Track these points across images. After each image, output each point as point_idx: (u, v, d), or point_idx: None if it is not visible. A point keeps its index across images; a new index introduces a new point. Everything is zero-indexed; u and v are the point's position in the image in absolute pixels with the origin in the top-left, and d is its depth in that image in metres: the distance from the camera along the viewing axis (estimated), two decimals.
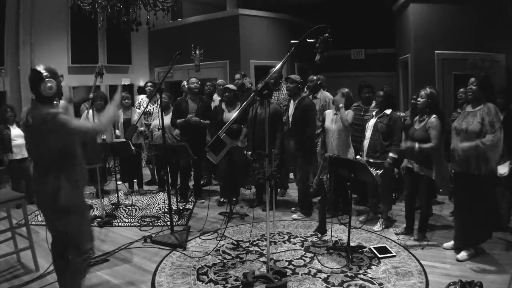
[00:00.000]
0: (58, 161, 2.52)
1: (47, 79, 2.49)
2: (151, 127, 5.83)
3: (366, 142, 4.20)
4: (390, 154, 4.00)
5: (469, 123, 3.28)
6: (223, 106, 5.08)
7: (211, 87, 6.18)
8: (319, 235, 4.10)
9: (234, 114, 4.86)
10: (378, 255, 3.52)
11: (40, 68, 2.51)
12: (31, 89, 2.55)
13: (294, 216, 4.67)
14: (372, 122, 4.19)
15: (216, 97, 6.13)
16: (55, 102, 3.25)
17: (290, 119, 4.61)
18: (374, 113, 4.28)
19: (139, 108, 6.30)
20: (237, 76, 5.81)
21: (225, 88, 5.09)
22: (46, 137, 2.47)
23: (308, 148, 4.53)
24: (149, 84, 6.47)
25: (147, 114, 6.10)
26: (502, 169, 3.58)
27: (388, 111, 4.10)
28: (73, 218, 2.57)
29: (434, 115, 3.68)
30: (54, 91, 2.52)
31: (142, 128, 5.76)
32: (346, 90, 4.36)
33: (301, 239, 4.02)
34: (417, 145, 3.62)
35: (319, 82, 5.32)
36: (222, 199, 5.24)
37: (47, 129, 2.44)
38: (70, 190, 2.53)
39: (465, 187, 3.39)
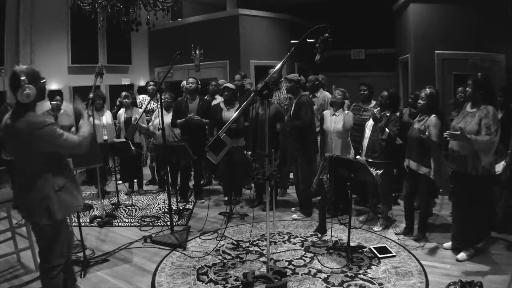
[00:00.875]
0: (46, 168, 2.42)
1: (25, 86, 2.31)
2: (151, 124, 5.83)
3: (365, 142, 4.21)
4: (387, 129, 3.95)
5: (467, 123, 3.28)
6: (222, 105, 5.09)
7: (215, 86, 6.16)
8: (319, 235, 4.10)
9: (233, 113, 4.89)
10: (378, 255, 3.52)
11: (20, 72, 2.34)
12: (12, 92, 2.39)
13: (294, 216, 4.68)
14: (371, 121, 4.19)
15: (218, 97, 6.12)
16: (54, 102, 3.20)
17: (291, 118, 4.62)
18: (375, 110, 4.27)
19: (140, 108, 6.30)
20: (237, 76, 5.82)
21: (224, 87, 5.10)
22: (32, 144, 2.34)
23: (308, 147, 4.53)
24: (151, 83, 6.47)
25: (150, 112, 6.10)
26: (497, 167, 3.59)
27: (388, 113, 4.10)
28: (47, 232, 2.49)
29: (433, 115, 3.68)
30: (31, 98, 2.34)
31: (144, 125, 5.74)
32: (342, 90, 4.39)
33: (301, 239, 4.02)
34: (427, 133, 3.47)
35: (316, 83, 5.33)
36: (226, 198, 5.24)
37: (34, 138, 2.32)
38: (56, 202, 2.42)
39: (462, 187, 3.39)
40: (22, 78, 2.32)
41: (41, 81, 2.47)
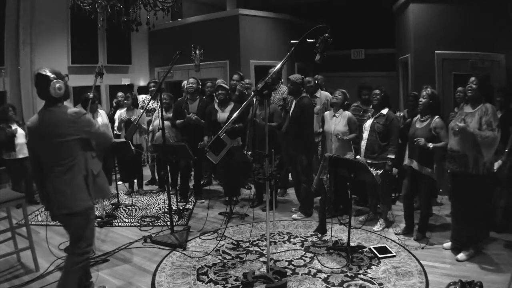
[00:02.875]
0: (82, 157, 2.60)
1: (54, 80, 2.52)
2: (151, 126, 5.82)
3: (363, 143, 4.20)
4: (389, 156, 4.00)
5: (467, 123, 3.27)
6: (216, 106, 5.09)
7: (211, 88, 6.16)
8: (319, 235, 4.11)
9: (227, 113, 4.90)
10: (378, 255, 3.52)
11: (45, 71, 2.54)
12: (40, 94, 2.57)
13: (294, 216, 4.67)
14: (369, 123, 4.18)
15: None
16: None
17: (289, 118, 4.62)
18: (370, 113, 4.28)
19: (142, 108, 6.29)
20: (235, 76, 5.82)
21: (218, 87, 5.10)
22: (71, 132, 2.54)
23: (308, 147, 4.53)
24: (152, 84, 6.47)
25: (152, 111, 6.10)
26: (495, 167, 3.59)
27: (384, 111, 4.10)
28: (78, 220, 2.61)
29: (437, 116, 3.67)
30: (63, 90, 2.57)
31: (144, 126, 5.74)
32: (343, 91, 4.38)
33: (301, 239, 4.03)
34: (431, 145, 3.58)
35: (317, 81, 5.34)
36: (227, 198, 5.25)
37: (77, 126, 2.55)
38: (93, 185, 2.64)
39: (462, 187, 3.39)
40: (51, 75, 2.53)
41: (65, 78, 2.66)
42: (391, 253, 3.56)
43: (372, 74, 8.81)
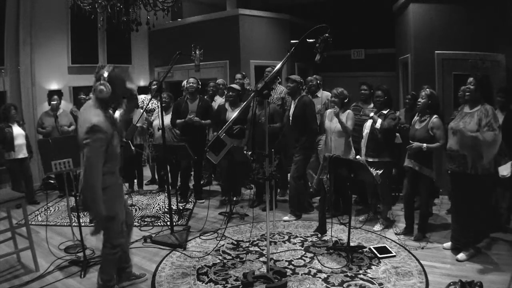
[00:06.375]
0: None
1: (102, 81, 2.54)
2: (152, 125, 5.82)
3: (363, 142, 4.20)
4: (385, 122, 3.95)
5: (466, 123, 3.26)
6: (227, 105, 5.10)
7: (213, 88, 6.15)
8: (319, 235, 4.11)
9: (236, 113, 4.90)
10: (378, 255, 3.52)
11: (105, 70, 2.57)
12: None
13: (285, 218, 4.63)
14: (370, 121, 4.18)
15: (218, 98, 6.10)
16: (53, 102, 3.26)
17: (291, 118, 4.62)
18: (372, 113, 4.27)
19: (142, 108, 6.29)
20: (238, 76, 5.82)
21: (229, 88, 5.12)
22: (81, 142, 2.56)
23: (306, 145, 4.52)
24: (154, 82, 6.47)
25: (151, 111, 6.09)
26: (504, 171, 3.55)
27: (385, 111, 4.10)
28: (97, 222, 2.63)
29: (435, 116, 3.68)
30: (104, 95, 2.54)
31: (141, 125, 5.72)
32: (340, 89, 4.34)
33: (301, 239, 4.03)
34: (425, 145, 3.62)
35: (318, 81, 5.34)
36: (224, 198, 5.24)
37: (80, 131, 2.53)
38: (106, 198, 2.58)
39: (461, 187, 3.39)
40: (105, 75, 2.55)
41: (122, 87, 2.68)
42: (391, 253, 3.56)
43: (372, 74, 8.80)
